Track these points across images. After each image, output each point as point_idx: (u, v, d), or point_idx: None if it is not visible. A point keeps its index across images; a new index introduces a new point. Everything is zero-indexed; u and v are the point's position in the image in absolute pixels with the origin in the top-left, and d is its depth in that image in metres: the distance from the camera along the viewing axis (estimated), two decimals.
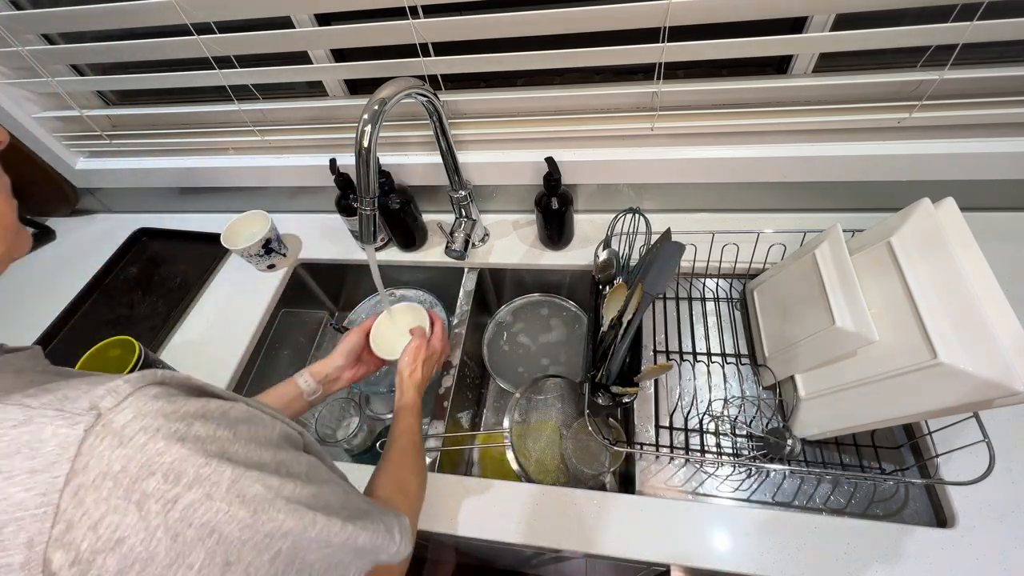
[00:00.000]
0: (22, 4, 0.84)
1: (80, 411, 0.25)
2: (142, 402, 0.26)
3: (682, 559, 0.59)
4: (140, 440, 0.25)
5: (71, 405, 0.25)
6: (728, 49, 0.68)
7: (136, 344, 0.68)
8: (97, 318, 0.95)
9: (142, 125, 0.99)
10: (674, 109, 0.78)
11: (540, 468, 0.76)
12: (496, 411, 0.98)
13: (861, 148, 0.76)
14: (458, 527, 0.64)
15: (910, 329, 0.52)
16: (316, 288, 1.07)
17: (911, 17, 0.66)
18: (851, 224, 0.69)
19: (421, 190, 0.93)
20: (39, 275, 1.04)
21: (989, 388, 0.46)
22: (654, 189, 0.89)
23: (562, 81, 0.83)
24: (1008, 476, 0.59)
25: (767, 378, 0.71)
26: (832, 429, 0.61)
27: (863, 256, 0.61)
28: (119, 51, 0.82)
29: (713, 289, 0.86)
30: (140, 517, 0.24)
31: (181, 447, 0.26)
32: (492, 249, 0.95)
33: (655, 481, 0.69)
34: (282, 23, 0.78)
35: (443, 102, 0.76)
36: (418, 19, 0.70)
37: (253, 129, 0.92)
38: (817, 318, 0.61)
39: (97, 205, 1.16)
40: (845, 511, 0.64)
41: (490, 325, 1.00)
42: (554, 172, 0.79)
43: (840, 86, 0.72)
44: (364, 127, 0.58)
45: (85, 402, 0.25)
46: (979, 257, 0.53)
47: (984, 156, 0.74)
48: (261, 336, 0.90)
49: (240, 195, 1.03)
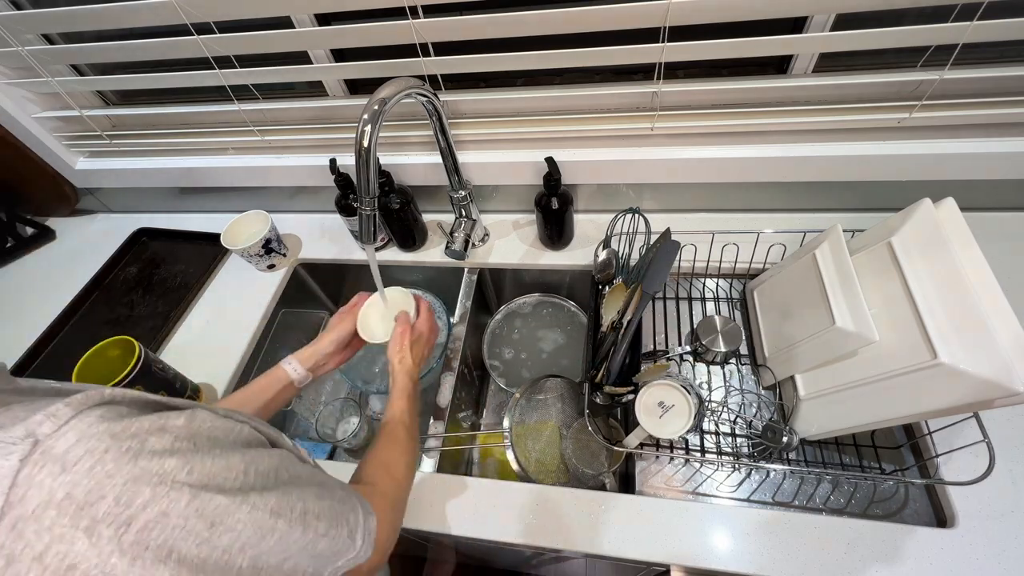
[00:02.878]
0: (22, 4, 0.84)
1: (14, 440, 0.23)
2: (86, 424, 0.25)
3: (682, 559, 0.59)
4: (86, 464, 0.24)
5: (4, 434, 0.24)
6: (728, 49, 0.68)
7: (136, 344, 0.68)
8: (97, 318, 0.95)
9: (142, 125, 0.99)
10: (674, 109, 0.78)
11: (540, 468, 0.76)
12: (496, 411, 0.98)
13: (861, 148, 0.76)
14: (458, 527, 0.64)
15: (910, 329, 0.52)
16: (316, 288, 1.07)
17: (911, 17, 0.66)
18: (851, 224, 0.69)
19: (421, 190, 0.93)
20: (39, 275, 1.05)
21: (989, 388, 0.46)
22: (654, 189, 0.89)
23: (562, 81, 0.83)
24: (1008, 476, 0.59)
25: (767, 378, 0.71)
26: (832, 429, 0.61)
27: (863, 256, 0.61)
28: (119, 51, 0.82)
29: (713, 289, 0.86)
30: (91, 543, 0.23)
31: (133, 466, 0.25)
32: (492, 249, 0.95)
33: (655, 481, 0.69)
34: (282, 23, 0.78)
35: (443, 102, 0.76)
36: (418, 19, 0.70)
37: (253, 129, 0.92)
38: (817, 318, 0.61)
39: (97, 205, 1.16)
40: (845, 511, 0.64)
41: (490, 325, 1.00)
42: (554, 172, 0.79)
43: (840, 86, 0.72)
44: (364, 127, 0.58)
45: (20, 430, 0.24)
46: (979, 257, 0.53)
47: (984, 156, 0.74)
48: (261, 336, 0.90)
49: (240, 195, 1.03)
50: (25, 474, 0.23)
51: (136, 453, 0.25)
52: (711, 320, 0.78)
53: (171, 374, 0.73)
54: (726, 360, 0.78)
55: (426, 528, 0.64)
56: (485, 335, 0.99)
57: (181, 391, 0.74)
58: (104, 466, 0.24)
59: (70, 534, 0.23)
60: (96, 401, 0.27)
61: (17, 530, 0.22)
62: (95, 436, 0.25)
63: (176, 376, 0.74)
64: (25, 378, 0.33)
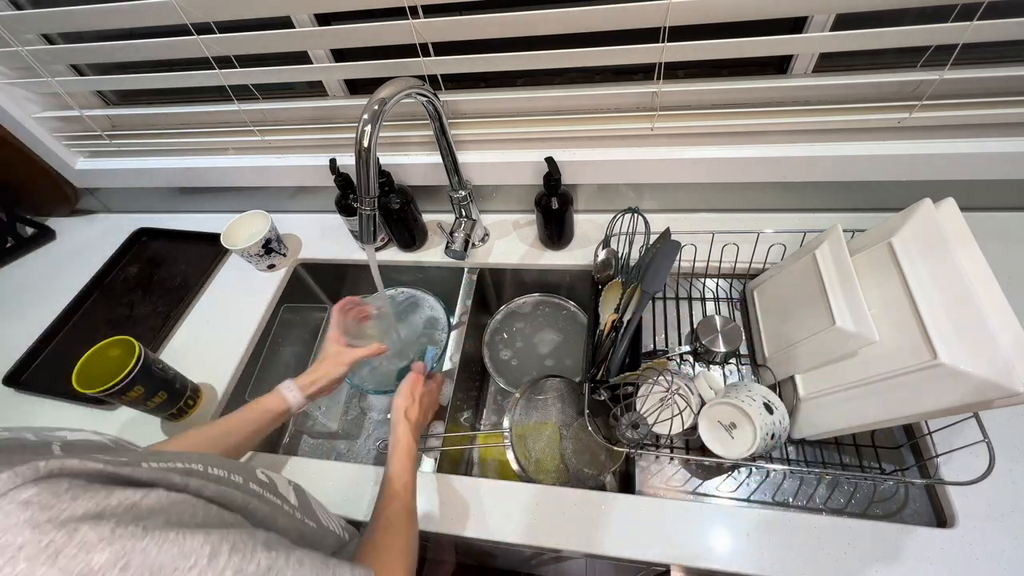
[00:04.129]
0: (22, 4, 0.83)
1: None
2: (4, 513, 0.22)
3: (682, 559, 0.59)
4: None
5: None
6: (728, 49, 0.68)
7: (136, 344, 0.68)
8: (97, 318, 0.95)
9: (142, 125, 0.99)
10: (674, 109, 0.78)
11: (540, 468, 0.76)
12: (496, 411, 0.98)
13: (861, 148, 0.76)
14: (458, 527, 0.64)
15: (910, 329, 0.52)
16: (316, 288, 1.07)
17: (911, 17, 0.66)
18: (851, 224, 0.69)
19: (421, 190, 0.93)
20: (39, 275, 1.04)
21: (989, 388, 0.46)
22: (654, 189, 0.89)
23: (562, 81, 0.83)
24: (1008, 476, 0.59)
25: (767, 378, 0.71)
26: (832, 429, 0.61)
27: (864, 256, 0.61)
28: (119, 51, 0.82)
29: (713, 289, 0.86)
30: None
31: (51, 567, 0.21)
32: (492, 249, 0.95)
33: (655, 481, 0.69)
34: (282, 23, 0.78)
35: (443, 102, 0.76)
36: (418, 19, 0.70)
37: (253, 129, 0.92)
38: (817, 318, 0.61)
39: (97, 205, 1.16)
40: (845, 511, 0.64)
41: (490, 325, 1.00)
42: (554, 172, 0.79)
43: (840, 86, 0.72)
44: (364, 127, 0.58)
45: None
46: (979, 257, 0.53)
47: (984, 156, 0.74)
48: (261, 336, 0.90)
49: (240, 195, 1.03)
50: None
51: (57, 551, 0.22)
52: (711, 320, 0.78)
53: (171, 374, 0.73)
54: (726, 360, 0.78)
55: (426, 528, 0.64)
56: (485, 335, 0.99)
57: (181, 391, 0.74)
58: (15, 567, 0.21)
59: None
60: (30, 478, 0.23)
61: None
62: (12, 528, 0.21)
63: (176, 376, 0.74)
64: (3, 427, 0.30)
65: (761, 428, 0.58)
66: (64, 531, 0.22)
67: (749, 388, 0.63)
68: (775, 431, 0.60)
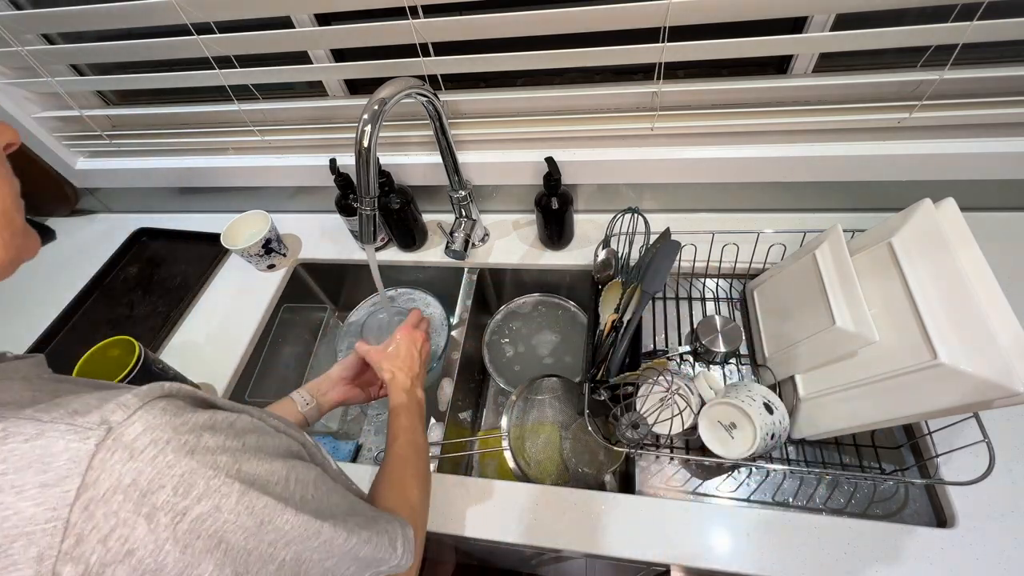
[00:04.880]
0: (22, 4, 0.83)
1: (91, 425, 0.25)
2: (151, 415, 0.26)
3: (682, 559, 0.59)
4: (150, 453, 0.25)
5: (82, 419, 0.25)
6: (728, 49, 0.68)
7: (136, 344, 0.68)
8: (97, 318, 0.95)
9: (142, 125, 0.99)
10: (674, 109, 0.78)
11: (539, 468, 0.76)
12: (496, 411, 0.98)
13: (861, 148, 0.76)
14: (458, 527, 0.64)
15: (910, 329, 0.52)
16: (316, 288, 1.07)
17: (911, 17, 0.66)
18: (851, 224, 0.69)
19: (421, 190, 0.93)
20: (39, 275, 1.04)
21: (989, 388, 0.46)
22: (654, 189, 0.89)
23: (562, 81, 0.83)
24: (1008, 476, 0.59)
25: (767, 378, 0.71)
26: (832, 429, 0.61)
27: (864, 256, 0.61)
28: (119, 51, 0.82)
29: (713, 289, 0.86)
30: (149, 530, 0.24)
31: (191, 460, 0.26)
32: (492, 249, 0.95)
33: (655, 481, 0.69)
34: (282, 23, 0.78)
35: (443, 102, 0.76)
36: (418, 19, 0.70)
37: (253, 129, 0.92)
38: (817, 318, 0.61)
39: (97, 205, 1.16)
40: (845, 511, 0.64)
41: (490, 325, 1.00)
42: (554, 172, 0.79)
43: (840, 86, 0.72)
44: (364, 127, 0.58)
45: (96, 416, 0.25)
46: (979, 257, 0.53)
47: (984, 156, 0.74)
48: (261, 336, 0.90)
49: (240, 195, 1.03)
50: (100, 458, 0.24)
51: (192, 448, 0.27)
52: (711, 320, 0.78)
53: (171, 374, 0.73)
54: (726, 360, 0.78)
55: (426, 528, 0.64)
56: (485, 335, 0.99)
57: None
58: (165, 456, 0.26)
59: (132, 519, 0.24)
60: (159, 394, 0.28)
61: (89, 511, 0.23)
62: (159, 427, 0.26)
63: (176, 376, 0.74)
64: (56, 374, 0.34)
65: (761, 428, 0.58)
66: (193, 435, 0.27)
67: (749, 388, 0.63)
68: (775, 431, 0.60)
